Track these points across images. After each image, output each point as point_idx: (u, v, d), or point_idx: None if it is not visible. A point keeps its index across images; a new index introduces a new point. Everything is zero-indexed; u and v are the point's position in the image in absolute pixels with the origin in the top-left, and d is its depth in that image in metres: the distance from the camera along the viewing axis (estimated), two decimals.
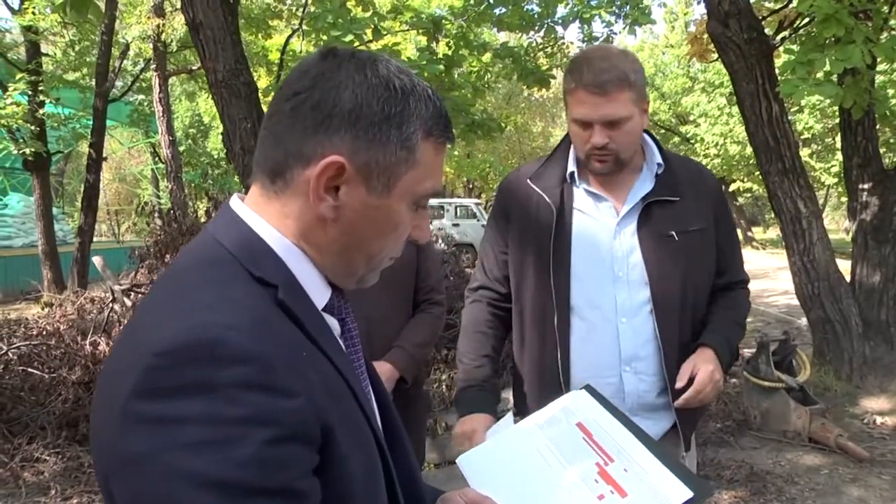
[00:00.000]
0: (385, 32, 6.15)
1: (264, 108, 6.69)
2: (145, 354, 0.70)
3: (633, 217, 1.80)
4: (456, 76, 7.07)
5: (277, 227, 0.86)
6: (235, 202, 0.90)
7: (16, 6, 12.79)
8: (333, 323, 0.92)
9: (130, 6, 14.41)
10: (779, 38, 5.75)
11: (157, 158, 21.09)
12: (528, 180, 1.87)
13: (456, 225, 19.64)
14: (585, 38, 6.64)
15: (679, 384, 1.70)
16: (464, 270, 6.65)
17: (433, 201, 22.55)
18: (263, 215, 0.86)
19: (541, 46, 7.88)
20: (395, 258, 0.95)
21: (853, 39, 4.23)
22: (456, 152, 25.71)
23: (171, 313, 0.75)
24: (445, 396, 5.00)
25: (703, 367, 1.71)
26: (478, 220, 19.76)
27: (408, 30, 6.46)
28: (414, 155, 0.85)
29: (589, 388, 1.35)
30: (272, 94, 7.15)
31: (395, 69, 0.86)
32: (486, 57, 6.63)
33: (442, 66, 5.91)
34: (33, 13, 12.23)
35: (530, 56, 7.54)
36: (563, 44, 8.08)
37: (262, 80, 10.39)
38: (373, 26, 5.36)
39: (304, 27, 7.88)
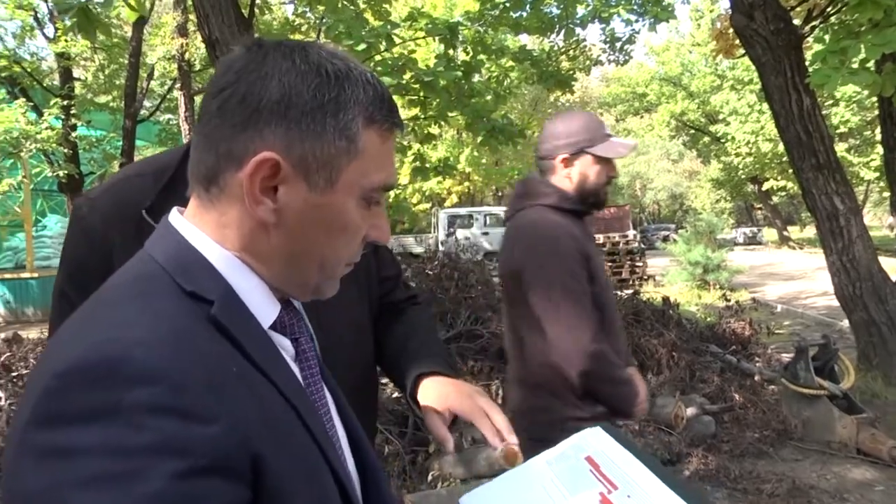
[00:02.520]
0: (400, 41, 6.07)
1: None
2: (45, 376, 0.62)
3: None
4: (476, 82, 6.97)
5: (216, 238, 0.78)
6: (174, 215, 0.81)
7: (51, 35, 13.13)
8: (284, 343, 0.83)
9: (155, 28, 14.61)
10: (808, 27, 5.52)
11: None
12: None
13: (485, 233, 19.58)
14: (608, 39, 6.48)
15: (450, 446, 1.23)
16: (490, 279, 6.50)
17: (462, 210, 22.58)
18: (201, 226, 0.78)
19: (563, 49, 7.74)
20: (353, 263, 0.86)
21: (894, 22, 4.00)
22: (484, 160, 25.64)
23: (81, 331, 0.67)
24: None
25: (459, 400, 1.24)
26: None
27: (424, 37, 6.38)
28: (355, 144, 0.77)
29: (605, 426, 1.24)
30: None
31: (328, 54, 0.78)
32: (505, 61, 6.51)
33: (460, 73, 5.80)
34: (66, 40, 12.55)
35: (552, 59, 7.40)
36: (586, 46, 7.93)
37: None
38: (386, 34, 5.27)
39: (323, 39, 7.86)
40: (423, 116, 7.11)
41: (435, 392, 1.29)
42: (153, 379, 0.61)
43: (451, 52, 5.97)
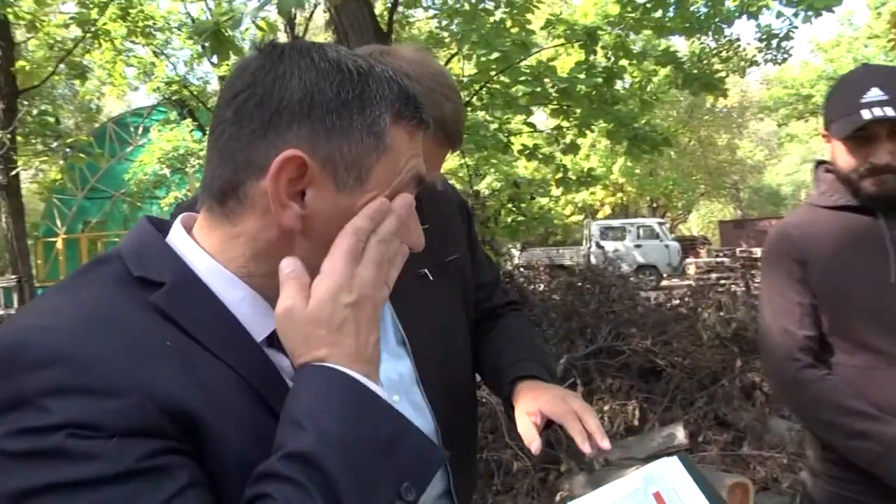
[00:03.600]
0: (536, 49, 5.98)
1: None
2: None
3: None
4: (620, 89, 6.72)
5: (215, 250, 0.76)
6: (176, 224, 0.80)
7: (215, 61, 14.34)
8: (281, 361, 0.78)
9: None
10: None
11: None
12: None
13: (638, 246, 18.94)
14: (763, 36, 6.00)
15: (535, 446, 1.19)
16: (634, 294, 6.21)
17: (614, 222, 21.97)
18: (200, 239, 0.77)
19: (714, 51, 7.29)
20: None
21: None
22: (637, 170, 24.84)
23: (11, 321, 0.69)
24: (607, 429, 4.61)
25: (551, 403, 1.21)
26: (661, 241, 18.87)
27: (562, 44, 6.23)
28: (384, 141, 0.74)
29: (681, 456, 1.14)
30: None
31: (347, 53, 0.76)
32: (647, 65, 6.20)
33: (600, 79, 5.61)
34: (227, 65, 13.59)
35: (703, 62, 6.99)
36: (740, 46, 7.40)
37: None
38: (521, 42, 5.20)
39: (465, 50, 7.94)
40: (566, 126, 6.96)
41: (528, 395, 1.28)
42: (52, 362, 0.61)
43: (591, 57, 5.78)
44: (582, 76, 5.80)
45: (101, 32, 12.09)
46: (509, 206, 8.03)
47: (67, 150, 11.96)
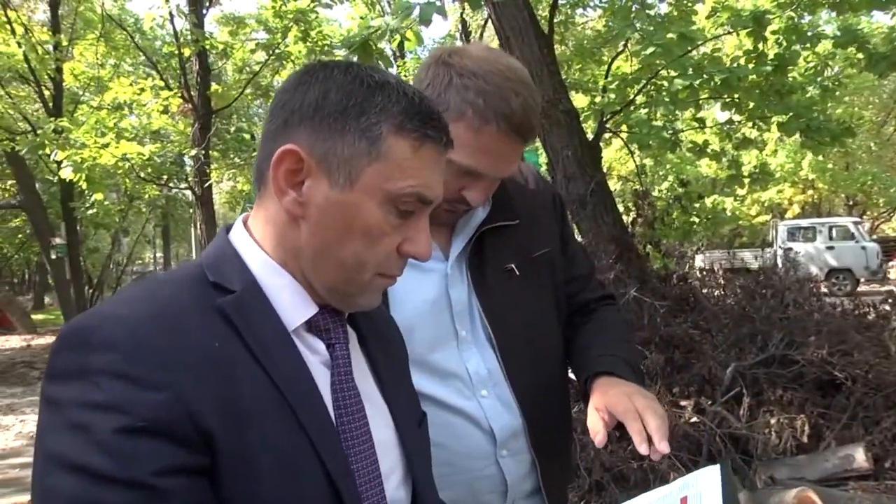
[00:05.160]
0: (700, 40, 5.64)
1: (588, 134, 6.70)
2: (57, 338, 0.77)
3: (465, 257, 1.41)
4: (795, 78, 6.17)
5: (259, 235, 0.88)
6: (237, 220, 0.94)
7: (393, 71, 15.00)
8: (317, 345, 0.88)
9: None
10: None
11: None
12: None
13: (830, 248, 17.33)
14: None
15: (598, 438, 1.19)
16: (813, 299, 5.68)
17: (803, 222, 20.21)
18: (252, 224, 0.90)
19: None
20: (393, 277, 0.90)
21: None
22: (830, 165, 22.72)
23: (100, 305, 0.81)
24: (773, 444, 4.26)
25: (616, 399, 1.21)
26: (857, 242, 17.11)
27: (728, 32, 5.83)
28: (377, 147, 0.81)
29: (724, 465, 1.08)
30: (588, 116, 7.15)
31: (372, 70, 0.85)
32: (822, 49, 5.62)
33: (769, 68, 5.18)
34: (405, 75, 14.17)
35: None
36: None
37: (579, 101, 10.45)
38: (679, 34, 4.94)
39: (629, 48, 7.71)
40: (739, 120, 6.53)
41: (599, 390, 1.29)
42: (113, 347, 0.71)
43: (760, 45, 5.37)
44: (750, 65, 5.41)
45: (285, 55, 13.13)
46: (676, 206, 7.65)
47: None
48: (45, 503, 0.69)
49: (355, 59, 3.85)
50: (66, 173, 8.68)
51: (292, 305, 0.85)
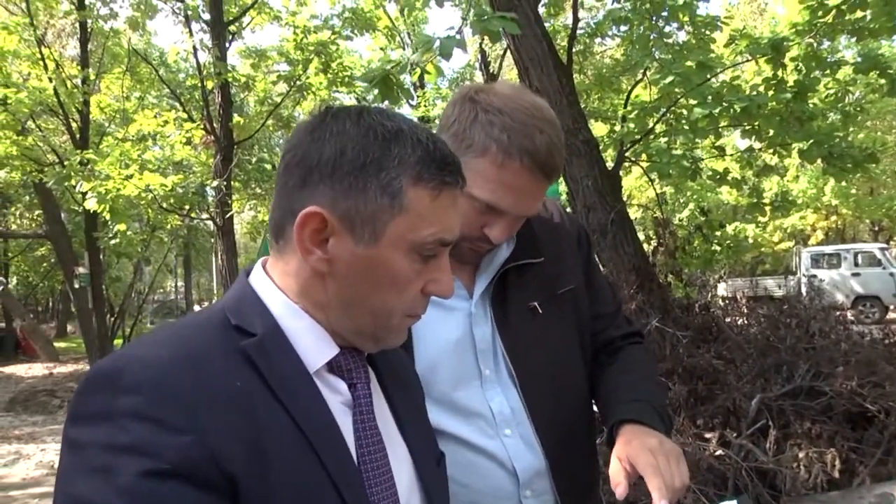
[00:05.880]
0: (718, 68, 5.63)
1: (608, 163, 6.68)
2: (81, 380, 0.78)
3: (488, 295, 1.40)
4: (817, 101, 6.12)
5: (280, 284, 0.88)
6: (257, 265, 0.94)
7: (413, 102, 15.16)
8: (339, 385, 0.89)
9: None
10: None
11: None
12: None
13: (856, 275, 17.09)
14: None
15: (619, 490, 1.17)
16: (838, 328, 5.57)
17: (827, 248, 19.96)
18: (271, 272, 0.90)
19: None
20: (418, 316, 0.91)
21: None
22: (854, 190, 22.49)
23: (126, 347, 0.82)
24: (802, 479, 4.14)
25: (638, 451, 1.19)
26: (884, 268, 16.84)
27: (747, 60, 5.81)
28: (399, 201, 0.82)
29: (741, 500, 1.12)
30: (608, 145, 7.14)
31: (384, 116, 0.85)
32: (843, 75, 5.57)
33: (789, 95, 5.15)
34: (424, 106, 14.32)
35: None
36: None
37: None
38: (698, 62, 4.93)
39: (648, 77, 7.72)
40: (759, 147, 6.48)
41: (622, 439, 1.27)
42: (139, 390, 0.72)
43: (779, 72, 5.34)
44: (770, 93, 5.37)
45: (306, 86, 13.31)
46: (697, 234, 7.58)
47: None
48: None
49: (376, 92, 3.87)
50: (91, 204, 8.80)
51: (314, 347, 0.87)
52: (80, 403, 0.74)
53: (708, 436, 4.54)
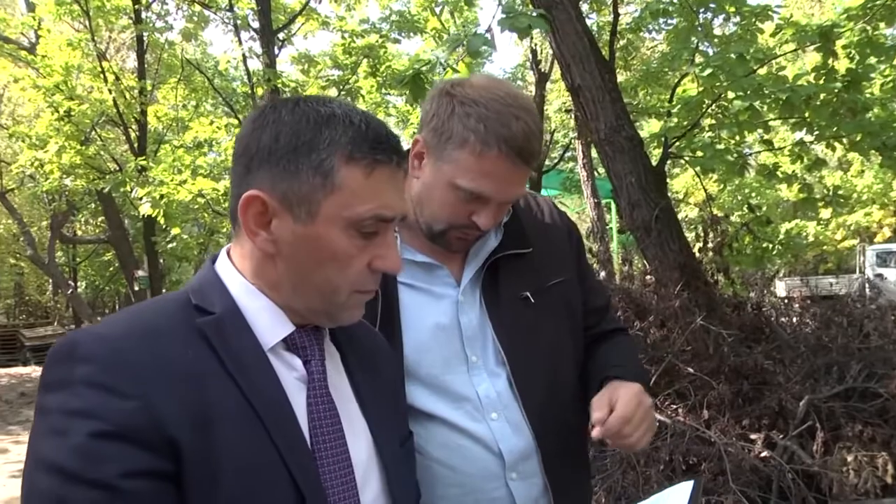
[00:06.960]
0: (764, 59, 5.43)
1: (653, 160, 6.54)
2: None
3: (478, 284, 1.44)
4: (874, 91, 5.85)
5: (239, 267, 0.94)
6: (222, 250, 1.00)
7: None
8: (294, 362, 0.93)
9: (551, 82, 15.67)
10: None
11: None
12: None
13: None
14: None
15: (597, 414, 1.29)
16: (892, 329, 5.32)
17: (894, 246, 19.10)
18: (232, 257, 0.96)
19: None
20: (370, 291, 0.94)
21: None
22: None
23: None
24: (851, 484, 3.97)
25: (622, 391, 1.32)
26: None
27: (794, 50, 5.60)
28: (332, 180, 0.87)
29: (697, 482, 1.15)
30: (651, 141, 6.97)
31: (320, 103, 0.90)
32: None
33: (839, 84, 4.94)
34: None
35: None
36: None
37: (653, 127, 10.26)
38: (738, 54, 4.77)
39: (695, 71, 7.53)
40: (809, 141, 6.24)
41: (612, 384, 1.37)
42: (91, 359, 0.79)
43: (830, 60, 5.12)
44: (819, 82, 5.16)
45: (355, 90, 13.47)
46: (745, 232, 7.34)
47: None
48: (28, 500, 0.77)
49: (407, 93, 3.90)
50: (145, 209, 9.11)
51: (270, 325, 0.91)
52: (46, 373, 0.82)
53: (753, 436, 4.41)
